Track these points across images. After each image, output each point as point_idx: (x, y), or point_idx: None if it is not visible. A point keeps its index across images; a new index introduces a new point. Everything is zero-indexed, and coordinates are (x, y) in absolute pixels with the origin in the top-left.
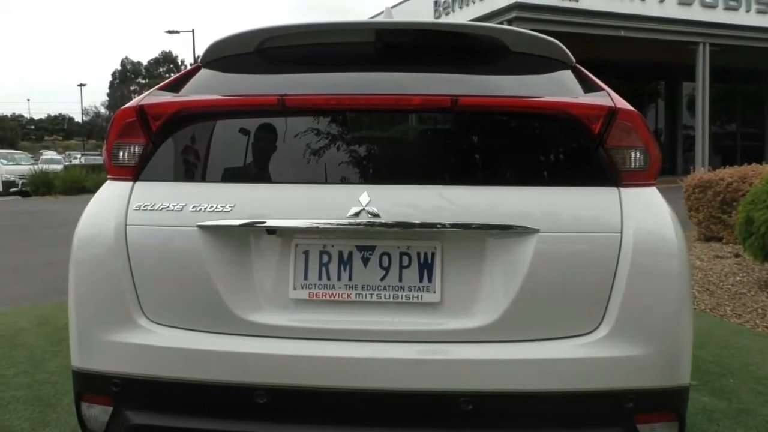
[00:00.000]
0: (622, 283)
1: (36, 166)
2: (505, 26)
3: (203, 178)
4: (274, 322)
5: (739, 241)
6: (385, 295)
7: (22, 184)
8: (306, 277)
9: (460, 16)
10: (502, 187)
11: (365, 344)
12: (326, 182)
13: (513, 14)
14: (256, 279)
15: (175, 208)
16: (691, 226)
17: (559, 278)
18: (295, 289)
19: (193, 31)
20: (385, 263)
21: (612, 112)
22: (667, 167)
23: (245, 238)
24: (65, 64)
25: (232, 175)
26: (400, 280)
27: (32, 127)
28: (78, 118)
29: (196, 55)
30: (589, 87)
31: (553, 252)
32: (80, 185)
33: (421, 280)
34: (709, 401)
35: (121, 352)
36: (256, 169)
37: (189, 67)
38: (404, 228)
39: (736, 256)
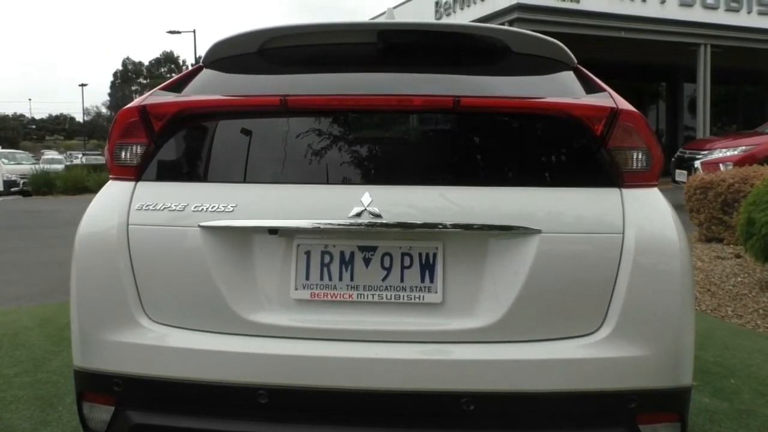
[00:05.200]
0: (624, 283)
1: (37, 166)
2: (506, 27)
3: (205, 178)
4: (275, 322)
5: (740, 242)
6: (386, 295)
7: (24, 183)
8: (308, 277)
9: (461, 17)
10: (504, 188)
11: (367, 344)
12: (328, 182)
13: (514, 15)
14: (258, 279)
15: (177, 208)
16: (692, 227)
17: (561, 279)
18: (296, 289)
19: (194, 31)
20: (387, 263)
21: (614, 113)
22: (667, 168)
23: (247, 238)
24: (67, 64)
25: (234, 176)
26: (402, 281)
27: (33, 126)
28: (79, 117)
29: (198, 56)
30: (590, 88)
31: (555, 252)
32: (81, 185)
33: (422, 280)
34: (710, 402)
35: (123, 352)
36: (258, 170)
37: (190, 68)
38: (406, 228)
39: (737, 257)
